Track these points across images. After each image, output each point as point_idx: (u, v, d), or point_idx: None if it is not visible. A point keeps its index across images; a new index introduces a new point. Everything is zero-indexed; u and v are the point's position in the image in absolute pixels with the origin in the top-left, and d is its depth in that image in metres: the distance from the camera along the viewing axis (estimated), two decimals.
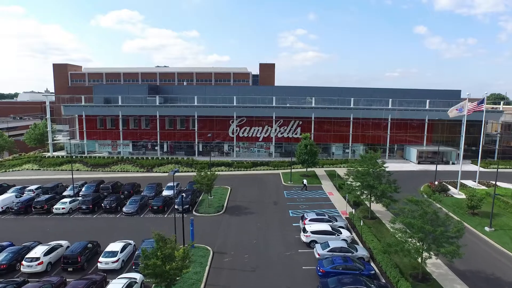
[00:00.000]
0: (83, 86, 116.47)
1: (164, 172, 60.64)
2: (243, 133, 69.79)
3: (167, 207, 41.40)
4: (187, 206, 40.21)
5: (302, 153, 52.81)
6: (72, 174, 47.30)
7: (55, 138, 76.50)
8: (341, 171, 58.67)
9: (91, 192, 46.44)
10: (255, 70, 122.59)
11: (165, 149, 72.44)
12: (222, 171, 60.37)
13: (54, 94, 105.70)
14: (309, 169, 57.06)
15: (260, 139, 70.35)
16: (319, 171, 58.28)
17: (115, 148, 72.57)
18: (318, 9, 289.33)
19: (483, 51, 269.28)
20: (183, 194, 42.31)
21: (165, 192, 45.99)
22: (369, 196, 35.64)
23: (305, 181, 49.89)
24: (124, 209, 39.92)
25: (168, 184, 47.88)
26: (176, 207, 40.11)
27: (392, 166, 63.78)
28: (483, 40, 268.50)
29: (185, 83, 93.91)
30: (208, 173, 41.00)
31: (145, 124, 71.83)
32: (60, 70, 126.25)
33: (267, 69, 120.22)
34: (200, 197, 44.65)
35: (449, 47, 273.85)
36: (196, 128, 68.40)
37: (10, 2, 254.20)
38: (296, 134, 69.14)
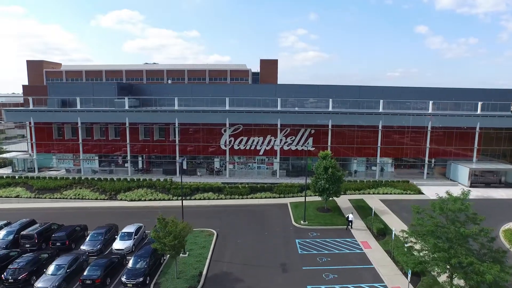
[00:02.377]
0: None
1: (132, 200, 45.27)
2: (238, 145, 54.20)
3: (111, 276, 25.89)
4: (141, 279, 24.69)
5: (320, 178, 37.16)
6: None
7: (3, 150, 61.25)
8: (372, 200, 43.22)
9: (9, 241, 31.10)
10: (256, 68, 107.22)
11: (140, 166, 56.95)
12: (208, 199, 44.90)
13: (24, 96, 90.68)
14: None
15: (261, 153, 54.72)
16: (342, 200, 42.47)
17: (78, 163, 57.07)
18: (318, 9, 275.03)
19: (483, 50, 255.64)
20: (139, 255, 26.88)
21: (117, 245, 30.48)
22: (452, 276, 20.03)
23: (351, 216, 34.75)
24: (37, 284, 24.34)
25: (124, 230, 32.34)
26: (124, 279, 24.85)
27: (436, 190, 48.66)
28: (484, 39, 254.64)
29: (169, 81, 78.34)
30: (178, 223, 25.46)
31: (114, 133, 56.30)
32: (34, 68, 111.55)
33: (269, 66, 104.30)
34: (168, 256, 29.07)
35: (450, 47, 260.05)
36: (177, 139, 52.86)
37: (10, 2, 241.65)
38: (307, 146, 53.56)
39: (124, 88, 58.95)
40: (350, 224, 34.80)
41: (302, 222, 36.07)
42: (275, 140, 53.56)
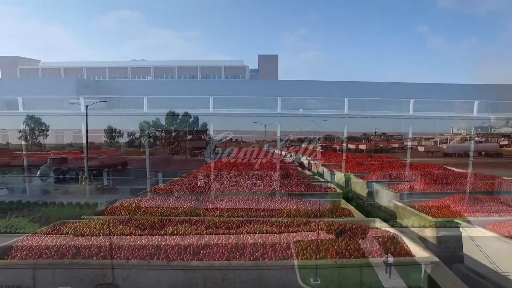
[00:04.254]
0: None
1: (81, 235, 33.76)
2: (228, 157, 42.79)
3: None
4: None
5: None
6: None
7: None
8: (405, 236, 31.42)
9: None
10: (255, 66, 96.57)
11: (105, 183, 45.56)
12: (184, 234, 33.42)
13: None
14: None
15: (256, 167, 43.26)
16: None
17: (28, 179, 45.76)
18: (319, 8, 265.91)
19: (484, 49, 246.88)
20: None
21: None
22: None
23: (390, 259, 23.29)
24: None
25: None
26: None
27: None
28: (486, 38, 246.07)
29: (149, 77, 67.21)
30: None
31: (74, 140, 45.22)
32: (9, 64, 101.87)
33: (269, 62, 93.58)
34: None
35: (451, 46, 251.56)
36: (147, 150, 41.54)
37: (11, 2, 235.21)
38: (313, 157, 42.33)
39: (85, 86, 47.72)
40: (388, 269, 23.53)
41: (312, 281, 24.49)
42: (274, 151, 42.22)
